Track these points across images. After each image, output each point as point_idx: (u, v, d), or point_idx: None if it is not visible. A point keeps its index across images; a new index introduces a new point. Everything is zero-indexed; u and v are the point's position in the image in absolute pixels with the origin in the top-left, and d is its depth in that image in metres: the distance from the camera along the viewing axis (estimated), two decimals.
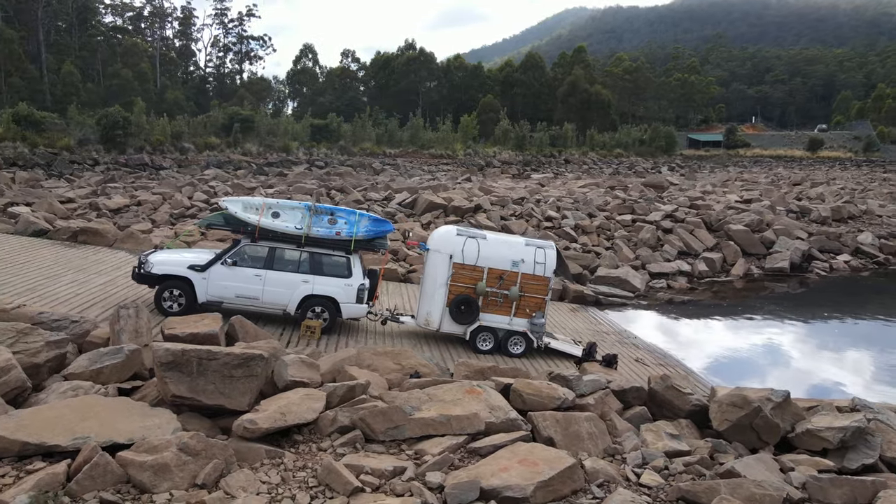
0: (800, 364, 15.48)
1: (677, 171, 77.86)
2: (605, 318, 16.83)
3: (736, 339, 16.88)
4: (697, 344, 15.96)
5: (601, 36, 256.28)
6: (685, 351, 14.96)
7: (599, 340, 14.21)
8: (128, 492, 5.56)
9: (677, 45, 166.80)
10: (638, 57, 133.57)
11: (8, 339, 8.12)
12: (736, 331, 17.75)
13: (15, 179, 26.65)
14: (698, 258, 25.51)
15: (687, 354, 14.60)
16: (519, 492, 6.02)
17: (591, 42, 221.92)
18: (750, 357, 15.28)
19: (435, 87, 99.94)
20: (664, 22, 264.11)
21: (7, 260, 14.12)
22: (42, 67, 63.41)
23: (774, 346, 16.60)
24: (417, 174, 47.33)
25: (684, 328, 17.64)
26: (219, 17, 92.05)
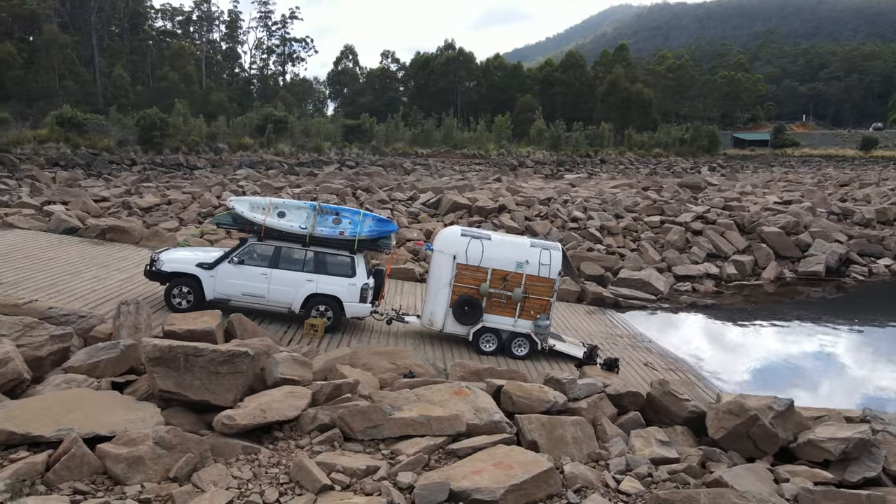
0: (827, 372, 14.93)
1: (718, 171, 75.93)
2: (622, 321, 16.55)
3: (759, 345, 16.38)
4: (716, 349, 15.54)
5: (647, 33, 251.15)
6: (702, 356, 14.60)
7: (611, 344, 14.00)
8: (102, 483, 5.73)
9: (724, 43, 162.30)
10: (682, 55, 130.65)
11: (15, 332, 8.46)
12: (760, 336, 17.22)
13: (56, 179, 27.74)
14: (727, 261, 24.85)
15: (703, 360, 14.25)
16: (488, 494, 5.98)
17: (636, 40, 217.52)
18: (772, 364, 14.80)
19: (474, 87, 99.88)
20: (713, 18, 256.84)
21: (34, 256, 14.70)
22: (95, 71, 65.85)
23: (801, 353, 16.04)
24: (448, 174, 47.39)
25: (704, 333, 17.21)
26: (262, 19, 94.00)
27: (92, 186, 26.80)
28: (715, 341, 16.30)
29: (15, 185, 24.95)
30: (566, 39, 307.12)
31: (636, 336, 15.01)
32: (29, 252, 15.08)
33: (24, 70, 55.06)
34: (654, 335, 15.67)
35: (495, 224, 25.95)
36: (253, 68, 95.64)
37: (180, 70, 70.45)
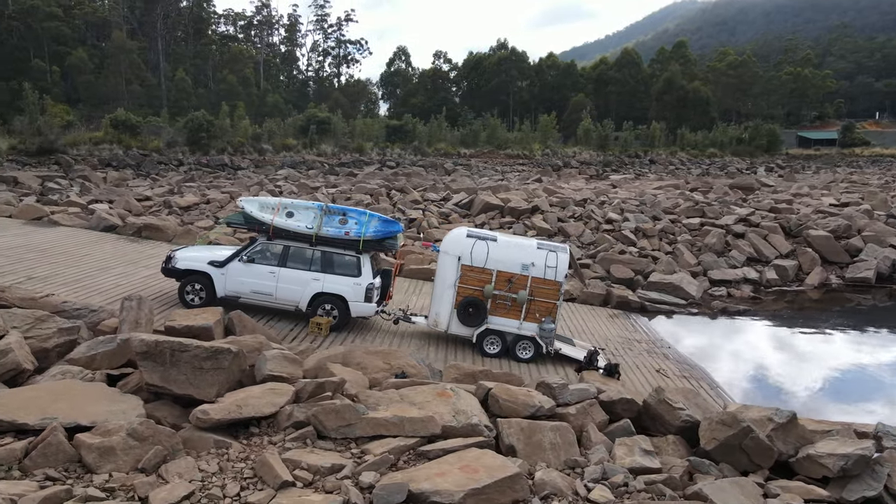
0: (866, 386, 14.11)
1: (776, 171, 73.03)
2: (644, 326, 16.15)
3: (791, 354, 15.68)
4: (740, 357, 14.95)
5: (711, 29, 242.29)
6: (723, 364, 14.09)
7: (627, 349, 13.69)
8: (74, 470, 5.99)
9: (790, 38, 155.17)
10: (744, 51, 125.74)
11: (25, 324, 8.95)
12: (793, 345, 16.48)
13: (106, 179, 29.08)
14: (769, 265, 23.89)
15: (723, 368, 13.75)
16: (447, 497, 5.95)
17: (699, 36, 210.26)
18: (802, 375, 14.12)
19: (526, 86, 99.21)
20: (782, 12, 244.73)
21: (70, 252, 15.46)
22: (160, 75, 68.81)
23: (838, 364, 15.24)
24: (489, 174, 47.25)
25: (730, 340, 16.59)
26: (319, 22, 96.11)
27: (138, 186, 28.00)
28: (741, 349, 15.69)
29: (67, 185, 26.32)
30: (626, 37, 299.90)
31: (655, 341, 14.63)
32: (66, 249, 15.86)
33: (95, 75, 58.02)
34: (676, 341, 15.24)
35: (526, 225, 25.74)
36: (309, 70, 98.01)
37: (239, 73, 72.70)
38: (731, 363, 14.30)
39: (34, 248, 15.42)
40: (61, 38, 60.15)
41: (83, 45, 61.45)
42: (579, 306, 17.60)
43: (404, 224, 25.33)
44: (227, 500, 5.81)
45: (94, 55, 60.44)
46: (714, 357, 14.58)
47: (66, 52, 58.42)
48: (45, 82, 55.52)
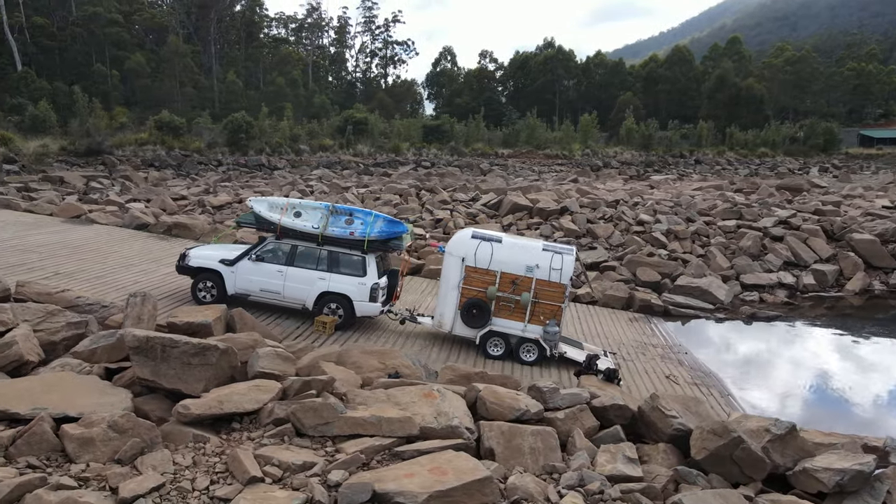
0: None
1: (831, 172, 70.10)
2: (664, 330, 15.77)
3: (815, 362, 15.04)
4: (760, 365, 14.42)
5: (771, 24, 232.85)
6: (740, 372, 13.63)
7: (640, 353, 13.41)
8: (55, 459, 6.24)
9: (855, 33, 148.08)
10: (802, 46, 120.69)
11: (37, 318, 9.37)
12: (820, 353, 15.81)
13: (147, 178, 30.15)
14: (807, 270, 23.01)
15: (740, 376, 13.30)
16: (410, 499, 5.95)
17: (758, 31, 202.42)
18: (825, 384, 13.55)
19: (573, 85, 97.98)
20: (847, 6, 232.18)
21: (99, 250, 16.09)
22: (213, 77, 71.10)
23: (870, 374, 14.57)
24: (525, 175, 46.94)
25: (752, 346, 16.02)
26: (367, 24, 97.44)
27: (175, 185, 28.94)
28: (764, 356, 15.14)
29: (108, 185, 27.42)
30: (681, 34, 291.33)
31: (673, 347, 14.27)
32: (97, 246, 16.52)
33: (151, 78, 60.41)
34: (695, 347, 14.83)
35: (554, 226, 25.47)
36: (356, 71, 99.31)
37: (287, 75, 74.30)
38: (751, 371, 13.81)
39: (67, 245, 16.11)
40: (121, 44, 62.86)
41: (141, 50, 63.97)
42: (599, 309, 17.32)
43: (431, 224, 25.43)
44: (196, 493, 5.95)
45: (151, 59, 62.94)
46: (733, 364, 14.13)
47: (125, 57, 61.03)
48: (106, 86, 58.12)
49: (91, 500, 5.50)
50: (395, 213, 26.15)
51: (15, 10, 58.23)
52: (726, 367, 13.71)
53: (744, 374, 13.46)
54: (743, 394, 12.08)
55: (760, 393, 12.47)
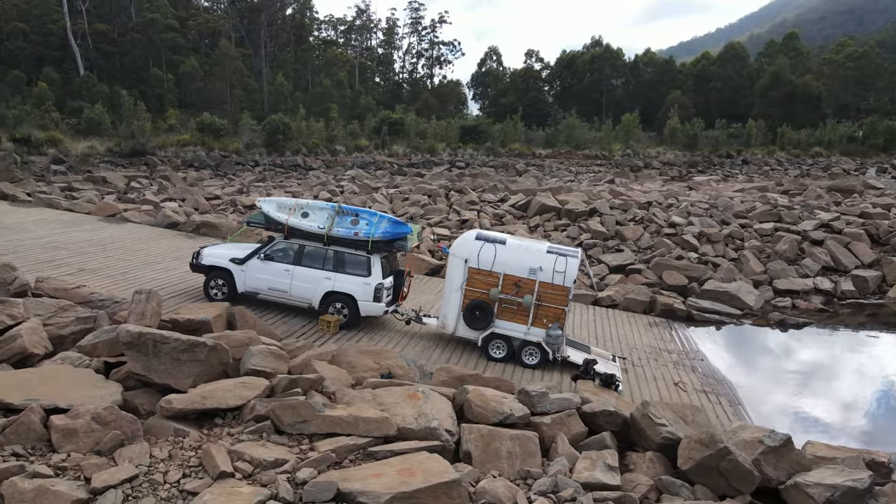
0: None
1: (890, 172, 66.85)
2: (683, 336, 15.36)
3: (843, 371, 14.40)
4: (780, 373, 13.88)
5: (836, 18, 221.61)
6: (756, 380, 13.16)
7: (653, 359, 13.11)
8: (39, 449, 6.51)
9: None
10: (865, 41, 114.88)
11: (49, 313, 9.79)
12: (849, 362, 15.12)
13: (186, 178, 31.11)
14: (846, 275, 22.05)
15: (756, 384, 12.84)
16: (372, 499, 5.99)
17: (822, 26, 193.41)
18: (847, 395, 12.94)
19: (621, 84, 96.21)
20: None
21: (127, 248, 16.69)
22: (262, 80, 73.03)
23: None
24: (560, 175, 46.43)
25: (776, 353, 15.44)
26: (413, 25, 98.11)
27: (211, 186, 29.76)
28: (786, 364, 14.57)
29: (147, 184, 28.42)
30: (739, 30, 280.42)
31: (689, 353, 13.88)
32: (125, 244, 17.14)
33: (204, 81, 62.53)
34: (713, 353, 14.42)
35: (582, 228, 25.12)
36: (402, 72, 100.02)
37: (333, 76, 75.53)
38: (769, 379, 13.31)
39: (96, 243, 16.77)
40: (176, 48, 65.18)
41: (196, 54, 66.17)
42: (619, 313, 17.01)
43: (457, 224, 25.43)
44: (167, 485, 6.13)
45: (204, 63, 65.06)
46: (751, 372, 13.65)
47: (180, 61, 63.28)
48: (161, 89, 60.39)
49: (63, 488, 5.72)
50: (421, 213, 26.27)
51: (78, 17, 61.13)
52: (743, 375, 13.26)
53: (760, 383, 12.99)
54: (756, 403, 11.66)
55: (775, 403, 12.01)
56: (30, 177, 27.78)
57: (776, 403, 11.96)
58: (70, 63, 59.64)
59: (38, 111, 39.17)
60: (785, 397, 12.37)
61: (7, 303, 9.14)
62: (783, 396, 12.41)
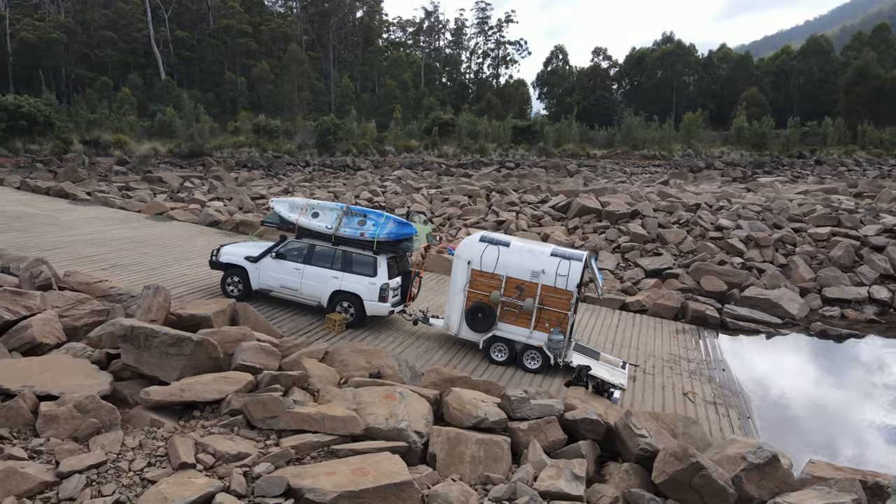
0: None
1: None
2: (710, 344, 14.76)
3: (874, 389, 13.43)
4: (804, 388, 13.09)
5: None
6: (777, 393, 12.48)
7: (668, 367, 12.67)
8: (24, 432, 6.95)
9: None
10: None
11: (67, 305, 10.41)
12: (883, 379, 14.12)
13: (237, 179, 32.30)
14: None
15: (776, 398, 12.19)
16: (319, 496, 6.09)
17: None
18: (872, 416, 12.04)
19: (693, 81, 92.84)
20: None
21: (165, 244, 17.51)
22: (330, 82, 75.16)
23: None
24: (614, 176, 45.39)
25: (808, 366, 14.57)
26: (480, 25, 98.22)
27: (258, 185, 30.77)
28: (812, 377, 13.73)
29: (199, 184, 29.68)
30: (830, 21, 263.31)
31: (711, 362, 13.33)
32: (164, 241, 17.99)
33: (274, 84, 65.02)
34: (738, 363, 13.79)
35: (621, 230, 24.52)
36: (468, 72, 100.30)
37: (398, 78, 76.77)
38: (791, 392, 12.58)
39: (137, 240, 17.67)
40: (249, 52, 68.06)
41: (268, 58, 68.79)
42: (646, 319, 16.53)
43: (493, 226, 25.32)
44: (130, 473, 6.43)
45: (275, 66, 67.58)
46: (774, 384, 12.94)
47: (253, 65, 65.98)
48: (234, 92, 63.15)
49: (31, 471, 6.08)
50: (459, 214, 26.30)
51: (161, 25, 64.86)
52: (763, 387, 12.61)
53: (781, 396, 12.30)
54: (770, 417, 11.07)
55: (792, 417, 11.36)
56: (94, 177, 29.56)
57: (793, 418, 11.31)
58: (153, 69, 63.26)
59: (116, 115, 41.67)
60: (804, 412, 11.68)
61: (25, 295, 9.78)
62: (803, 411, 11.72)
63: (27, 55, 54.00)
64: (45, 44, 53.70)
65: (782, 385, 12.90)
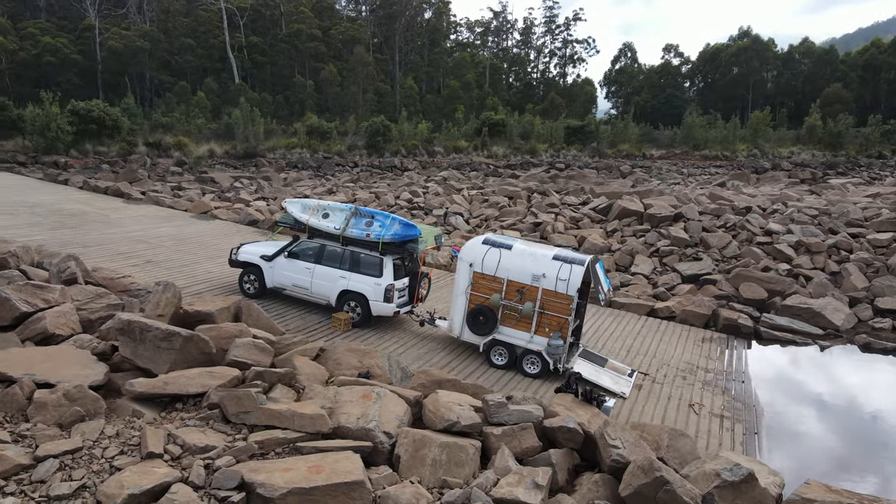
0: None
1: None
2: (736, 354, 14.13)
3: None
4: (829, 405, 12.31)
5: None
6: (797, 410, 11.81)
7: (681, 377, 12.23)
8: (16, 417, 7.46)
9: None
10: None
11: (86, 299, 11.05)
12: None
13: (287, 179, 33.29)
14: None
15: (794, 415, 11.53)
16: (269, 491, 6.27)
17: None
18: None
19: (772, 78, 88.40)
20: None
21: (201, 242, 18.27)
22: (395, 84, 76.65)
23: None
24: (670, 177, 44.00)
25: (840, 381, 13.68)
26: (547, 24, 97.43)
27: (304, 186, 31.58)
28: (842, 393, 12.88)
29: (248, 184, 30.77)
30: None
31: (731, 374, 12.76)
32: (201, 239, 18.76)
33: (341, 87, 66.99)
34: (762, 374, 13.16)
35: (661, 233, 23.76)
36: (534, 71, 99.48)
37: (461, 78, 77.21)
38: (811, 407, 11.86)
39: (177, 237, 18.52)
40: (318, 56, 70.30)
41: (336, 61, 70.84)
42: (672, 325, 15.99)
43: (530, 227, 25.08)
44: (102, 460, 6.79)
45: (342, 69, 69.54)
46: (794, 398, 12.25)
47: (321, 68, 68.12)
48: (303, 94, 65.41)
49: (10, 453, 6.52)
50: (496, 215, 26.18)
51: (236, 31, 67.96)
52: (783, 402, 11.96)
53: (799, 412, 11.62)
54: (780, 434, 10.48)
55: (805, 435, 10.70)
56: (153, 177, 31.18)
57: (806, 437, 10.65)
58: (227, 73, 66.22)
59: (185, 118, 43.83)
60: (822, 431, 10.99)
61: (46, 288, 10.45)
62: (820, 430, 11.03)
63: (115, 62, 57.75)
64: (130, 51, 57.21)
65: (804, 400, 12.21)
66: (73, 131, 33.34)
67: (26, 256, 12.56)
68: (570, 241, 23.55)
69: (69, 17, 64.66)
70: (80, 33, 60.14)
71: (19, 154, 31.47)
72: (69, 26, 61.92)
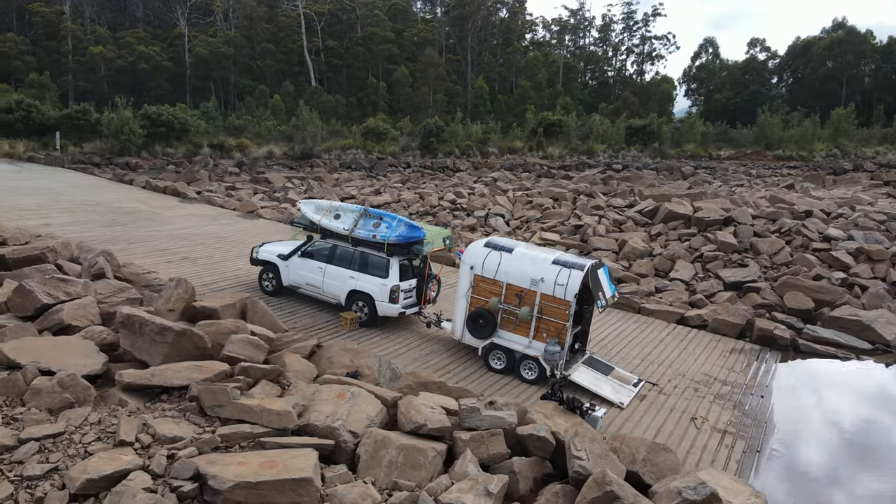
0: None
1: None
2: (764, 368, 13.42)
3: None
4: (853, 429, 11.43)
5: None
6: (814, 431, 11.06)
7: (692, 389, 11.74)
8: (14, 402, 8.06)
9: None
10: None
11: (108, 292, 11.78)
12: None
13: (338, 179, 34.12)
14: None
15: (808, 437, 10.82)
16: (218, 483, 6.50)
17: None
18: None
19: (870, 72, 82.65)
20: None
21: (240, 240, 19.02)
22: (466, 84, 77.45)
23: None
24: (735, 179, 42.04)
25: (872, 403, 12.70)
26: (625, 20, 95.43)
27: (352, 186, 32.24)
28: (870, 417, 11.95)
29: (298, 184, 31.73)
30: None
31: (749, 387, 12.13)
32: (240, 237, 19.55)
33: (412, 88, 68.44)
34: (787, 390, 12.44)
35: (707, 238, 22.78)
36: (609, 69, 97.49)
37: (533, 78, 76.95)
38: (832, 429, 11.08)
39: (218, 235, 19.37)
40: (392, 58, 72.10)
41: (408, 63, 72.35)
42: (700, 334, 15.36)
43: (571, 229, 24.64)
44: (78, 445, 7.23)
45: (414, 70, 70.94)
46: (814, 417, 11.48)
47: (393, 69, 69.80)
48: (375, 96, 67.21)
49: None
50: (539, 216, 25.87)
51: (314, 36, 70.62)
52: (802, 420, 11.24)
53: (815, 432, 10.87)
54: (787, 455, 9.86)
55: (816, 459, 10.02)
56: (214, 177, 32.69)
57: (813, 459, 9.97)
58: (304, 77, 68.88)
59: (257, 120, 45.81)
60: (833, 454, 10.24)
61: (69, 282, 11.21)
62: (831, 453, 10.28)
63: (201, 68, 61.28)
64: (215, 57, 60.47)
65: (825, 420, 11.43)
66: (144, 134, 35.44)
67: (65, 252, 13.50)
68: (609, 245, 22.98)
69: (162, 25, 69.03)
70: (171, 41, 64.08)
71: (95, 155, 33.77)
72: (162, 35, 66.06)
